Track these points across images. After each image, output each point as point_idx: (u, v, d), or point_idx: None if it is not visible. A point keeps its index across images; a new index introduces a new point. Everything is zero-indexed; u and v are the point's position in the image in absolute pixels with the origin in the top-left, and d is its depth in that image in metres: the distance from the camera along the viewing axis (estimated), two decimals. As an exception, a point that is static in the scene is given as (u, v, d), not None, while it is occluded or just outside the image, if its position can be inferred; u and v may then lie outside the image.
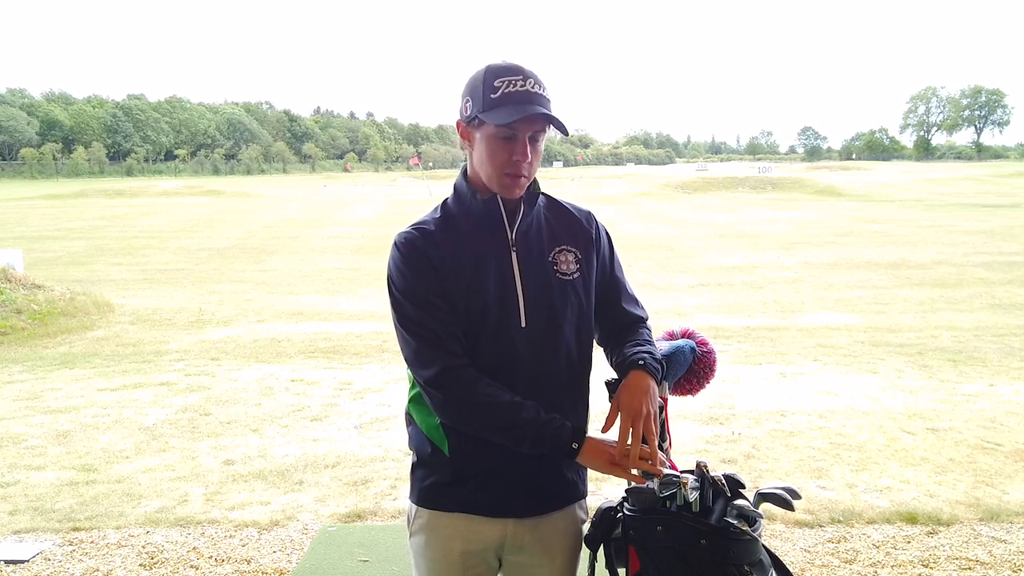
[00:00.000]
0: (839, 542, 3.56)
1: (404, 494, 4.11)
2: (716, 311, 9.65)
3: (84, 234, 20.27)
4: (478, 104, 1.58)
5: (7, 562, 3.44)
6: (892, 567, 3.33)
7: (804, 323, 8.79)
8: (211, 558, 3.48)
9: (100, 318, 9.25)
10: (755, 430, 5.06)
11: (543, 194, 1.75)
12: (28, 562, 3.44)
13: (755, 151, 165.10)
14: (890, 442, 4.83)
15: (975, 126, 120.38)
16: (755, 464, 4.48)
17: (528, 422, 1.56)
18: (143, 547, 3.58)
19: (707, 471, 1.55)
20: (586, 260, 1.72)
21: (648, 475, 1.55)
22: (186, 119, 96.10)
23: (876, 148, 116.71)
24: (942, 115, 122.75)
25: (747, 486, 1.58)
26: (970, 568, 3.31)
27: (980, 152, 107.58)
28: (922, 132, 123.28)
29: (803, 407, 5.56)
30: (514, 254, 1.65)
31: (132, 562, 3.44)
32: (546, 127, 1.62)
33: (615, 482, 1.58)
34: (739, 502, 1.52)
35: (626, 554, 1.61)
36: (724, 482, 1.53)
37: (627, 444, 1.56)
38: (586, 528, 1.72)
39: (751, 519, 1.52)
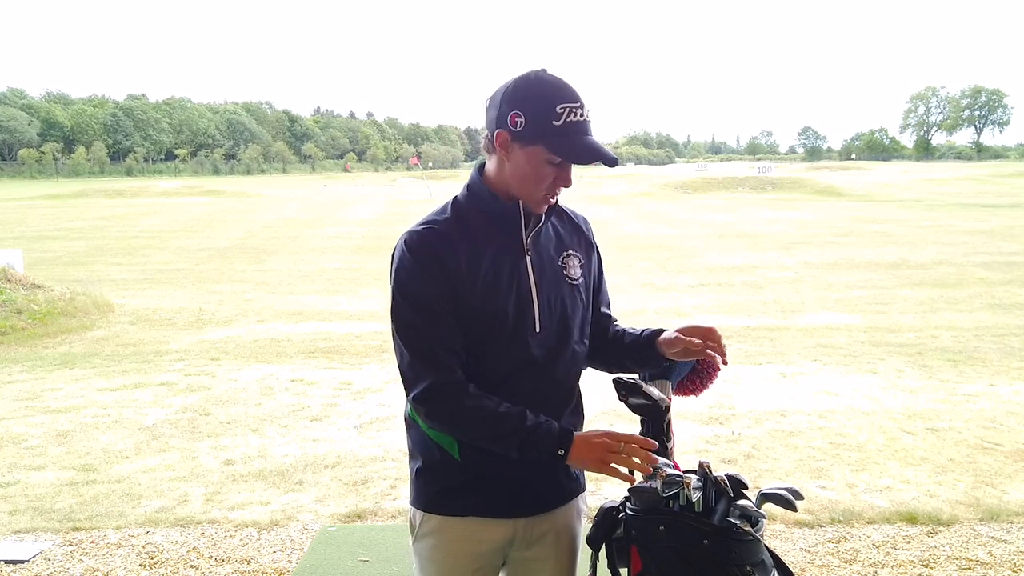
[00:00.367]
0: (839, 542, 3.56)
1: (404, 494, 4.10)
2: (716, 311, 9.65)
3: (84, 234, 20.26)
4: (537, 125, 1.52)
5: (7, 562, 3.44)
6: (892, 567, 3.33)
7: (804, 323, 8.80)
8: (211, 558, 3.48)
9: (100, 318, 9.25)
10: (755, 430, 5.06)
11: None
12: (28, 562, 3.44)
13: (755, 151, 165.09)
14: (890, 442, 4.83)
15: (975, 126, 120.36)
16: (755, 464, 4.48)
17: (514, 432, 1.54)
18: (143, 547, 3.58)
19: (710, 471, 1.55)
20: (587, 264, 1.77)
21: (652, 475, 1.55)
22: (186, 119, 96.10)
23: (876, 148, 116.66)
24: (942, 115, 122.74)
25: (749, 486, 1.58)
26: (970, 568, 3.31)
27: (980, 152, 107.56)
28: (922, 132, 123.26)
29: (803, 407, 5.56)
30: (529, 259, 1.65)
31: (132, 562, 3.44)
32: None
33: (615, 482, 1.57)
34: (742, 502, 1.52)
35: (628, 554, 1.61)
36: (727, 482, 1.53)
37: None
38: (587, 526, 1.72)
39: (753, 519, 1.52)
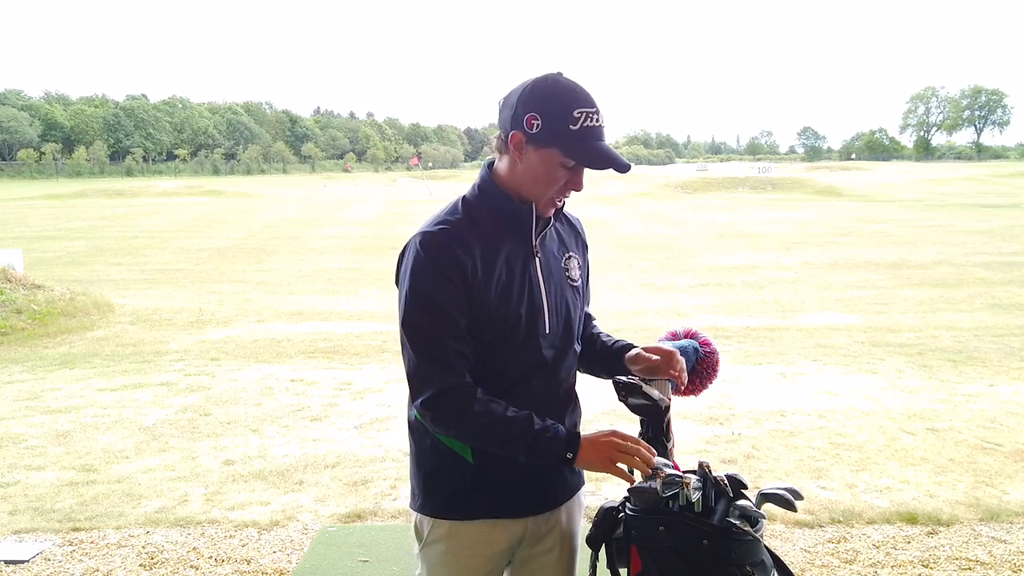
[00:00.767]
0: (839, 542, 3.56)
1: (404, 494, 4.10)
2: (716, 311, 9.65)
3: (84, 234, 20.26)
4: (552, 128, 1.53)
5: (7, 562, 3.44)
6: (892, 567, 3.33)
7: (804, 323, 8.80)
8: (211, 558, 3.48)
9: (100, 318, 9.25)
10: (755, 430, 5.06)
11: None
12: (28, 562, 3.44)
13: (755, 151, 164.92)
14: (890, 442, 4.83)
15: (975, 126, 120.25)
16: (755, 464, 4.48)
17: (521, 436, 1.54)
18: (143, 547, 3.58)
19: (710, 471, 1.55)
20: (584, 266, 1.81)
21: (652, 475, 1.55)
22: (186, 119, 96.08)
23: (876, 148, 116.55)
24: (942, 115, 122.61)
25: (749, 486, 1.58)
26: (970, 568, 3.31)
27: (980, 152, 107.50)
28: (922, 132, 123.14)
29: (803, 407, 5.56)
30: (537, 260, 1.66)
31: (132, 562, 3.44)
32: None
33: (615, 482, 1.58)
34: (741, 502, 1.52)
35: (628, 554, 1.61)
36: (727, 482, 1.53)
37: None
38: (587, 525, 1.73)
39: (753, 520, 1.52)
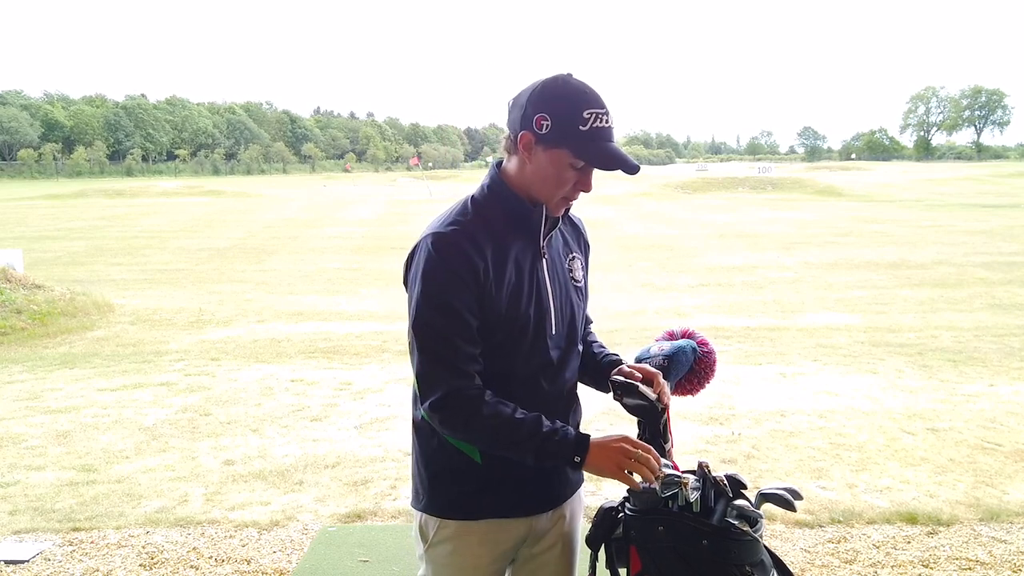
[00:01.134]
0: (839, 542, 3.56)
1: (404, 494, 4.11)
2: (716, 311, 9.65)
3: (84, 234, 20.26)
4: (562, 129, 1.54)
5: (7, 562, 3.44)
6: (892, 567, 3.33)
7: (804, 323, 8.80)
8: (211, 558, 3.48)
9: (100, 318, 9.25)
10: (755, 430, 5.06)
11: None
12: (28, 562, 3.44)
13: (755, 151, 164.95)
14: (890, 442, 4.83)
15: (975, 126, 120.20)
16: (755, 464, 4.48)
17: (530, 438, 1.54)
18: (143, 547, 3.58)
19: (708, 471, 1.55)
20: (585, 267, 1.82)
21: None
22: (186, 119, 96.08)
23: (876, 148, 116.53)
24: (942, 115, 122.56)
25: (748, 486, 1.59)
26: (970, 568, 3.31)
27: (980, 152, 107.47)
28: (922, 132, 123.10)
29: (803, 407, 5.56)
30: (544, 261, 1.67)
31: (132, 562, 3.45)
32: None
33: (615, 482, 1.57)
34: (740, 503, 1.52)
35: (627, 554, 1.61)
36: (725, 482, 1.53)
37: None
38: (586, 526, 1.73)
39: (752, 520, 1.52)
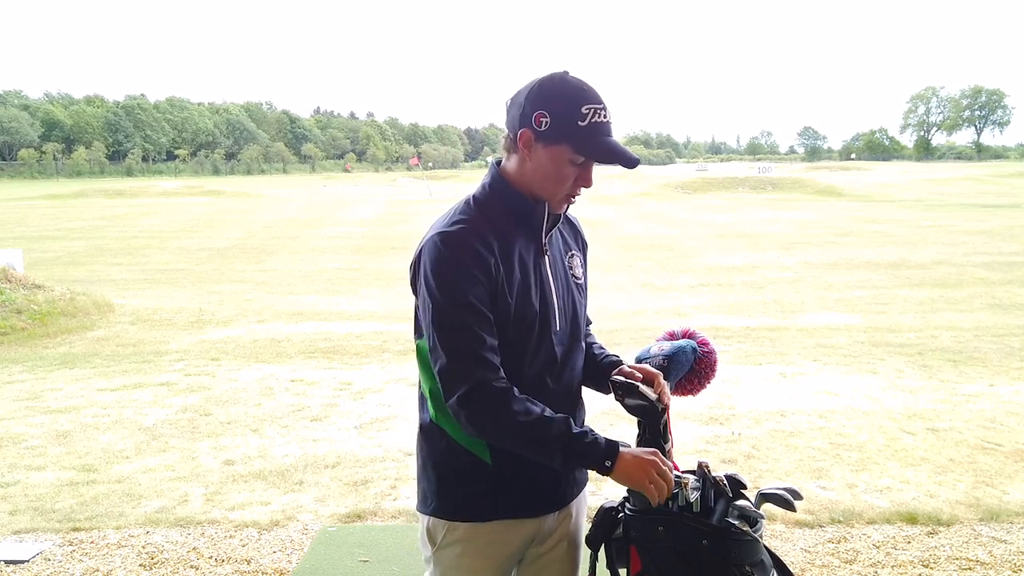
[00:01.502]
0: (839, 542, 3.56)
1: (404, 494, 4.11)
2: (716, 311, 9.65)
3: (84, 234, 20.26)
4: (561, 125, 1.55)
5: (7, 562, 3.44)
6: (892, 567, 3.33)
7: (804, 323, 8.80)
8: (211, 558, 3.48)
9: (100, 318, 9.25)
10: (755, 430, 5.06)
11: None
12: (28, 562, 3.44)
13: (755, 151, 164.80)
14: (890, 442, 4.83)
15: (975, 126, 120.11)
16: (755, 464, 4.48)
17: (557, 437, 1.52)
18: (143, 547, 3.58)
19: (708, 471, 1.55)
20: (584, 264, 1.83)
21: None
22: (186, 119, 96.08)
23: (876, 148, 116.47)
24: (942, 115, 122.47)
25: (748, 486, 1.59)
26: (970, 568, 3.31)
27: (980, 152, 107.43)
28: (922, 132, 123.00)
29: (803, 407, 5.56)
30: (547, 258, 1.68)
31: (132, 562, 3.44)
32: None
33: (615, 482, 1.57)
34: (740, 503, 1.52)
35: (627, 554, 1.61)
36: (725, 482, 1.53)
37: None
38: (587, 526, 1.73)
39: (752, 520, 1.52)
